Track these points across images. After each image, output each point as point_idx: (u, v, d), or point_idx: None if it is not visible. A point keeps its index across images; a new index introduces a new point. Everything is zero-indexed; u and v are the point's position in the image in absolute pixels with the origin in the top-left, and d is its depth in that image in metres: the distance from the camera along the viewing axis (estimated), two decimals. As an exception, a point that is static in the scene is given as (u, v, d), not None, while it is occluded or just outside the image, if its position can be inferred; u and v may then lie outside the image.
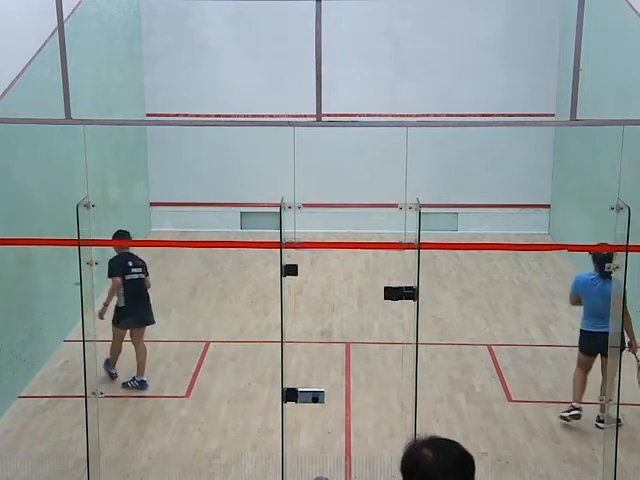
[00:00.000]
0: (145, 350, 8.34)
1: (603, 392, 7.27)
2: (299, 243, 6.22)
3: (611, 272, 6.98)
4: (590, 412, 7.61)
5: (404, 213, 5.90)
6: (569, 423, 7.45)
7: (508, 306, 10.50)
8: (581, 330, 7.54)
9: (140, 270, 8.27)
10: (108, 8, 11.50)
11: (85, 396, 6.17)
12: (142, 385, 8.22)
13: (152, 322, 8.47)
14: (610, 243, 6.84)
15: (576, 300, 7.59)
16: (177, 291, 11.07)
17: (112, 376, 8.35)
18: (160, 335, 9.59)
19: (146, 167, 13.62)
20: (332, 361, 8.91)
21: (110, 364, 8.39)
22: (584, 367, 7.57)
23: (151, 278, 8.49)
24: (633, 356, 7.30)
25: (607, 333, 7.03)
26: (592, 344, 7.40)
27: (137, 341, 8.33)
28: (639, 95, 9.63)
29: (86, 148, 6.85)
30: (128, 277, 8.16)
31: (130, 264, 8.20)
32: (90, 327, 6.18)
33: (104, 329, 9.21)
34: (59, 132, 8.59)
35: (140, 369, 8.27)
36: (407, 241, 6.15)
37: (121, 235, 8.34)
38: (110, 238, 8.33)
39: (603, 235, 6.65)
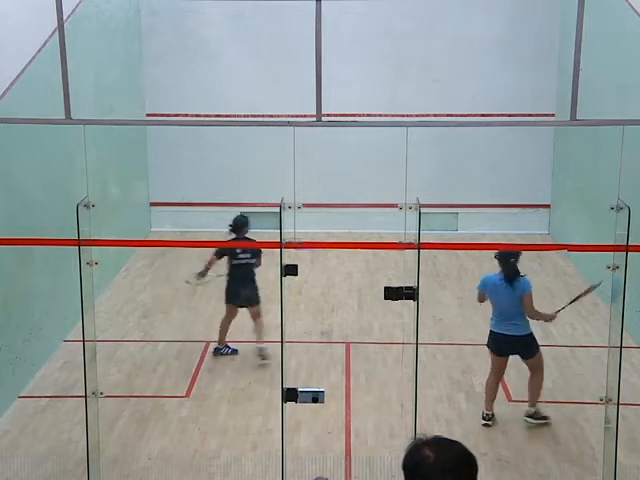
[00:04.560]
0: (262, 324, 8.94)
1: (531, 391, 7.56)
2: (299, 243, 6.22)
3: (517, 274, 7.30)
4: (592, 412, 7.62)
5: (404, 213, 5.90)
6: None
7: (508, 306, 10.49)
8: (490, 330, 7.56)
9: (248, 256, 8.84)
10: (108, 8, 11.49)
11: (85, 396, 6.17)
12: (262, 351, 8.88)
13: (256, 302, 8.97)
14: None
15: (481, 298, 7.63)
16: (177, 291, 11.06)
17: (222, 352, 9.04)
18: (160, 335, 9.61)
19: (146, 167, 13.62)
20: (332, 361, 8.91)
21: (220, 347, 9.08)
22: (496, 370, 7.60)
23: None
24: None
25: (515, 336, 7.37)
26: (500, 346, 7.49)
27: (253, 317, 8.98)
28: (639, 95, 9.63)
29: (86, 148, 6.85)
30: (235, 262, 8.79)
31: (238, 250, 8.79)
32: (90, 327, 6.18)
33: (104, 329, 9.24)
34: (59, 132, 8.59)
35: (258, 339, 8.94)
36: (407, 241, 6.14)
37: (239, 220, 8.92)
38: (110, 238, 8.37)
39: (603, 235, 6.64)
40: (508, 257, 7.36)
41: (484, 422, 7.55)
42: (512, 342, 7.43)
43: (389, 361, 8.87)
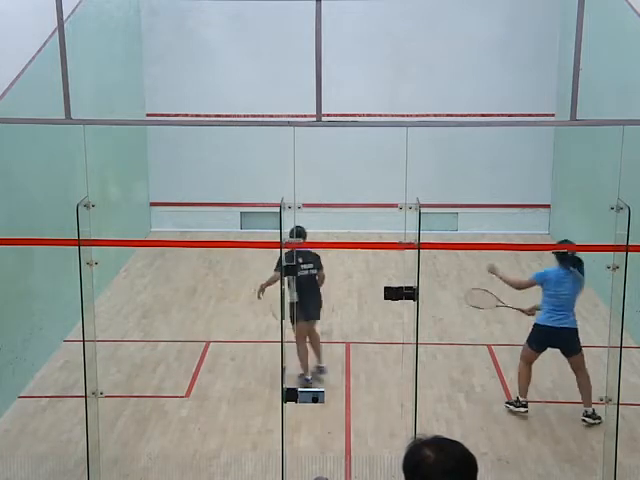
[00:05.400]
0: (317, 339, 8.45)
1: (583, 392, 7.59)
2: (299, 243, 6.22)
3: (576, 264, 7.57)
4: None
5: (404, 213, 5.90)
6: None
7: (508, 306, 10.49)
8: (536, 324, 7.63)
9: (311, 266, 8.25)
10: (108, 8, 11.50)
11: (85, 396, 6.17)
12: (322, 371, 8.41)
13: (316, 317, 8.41)
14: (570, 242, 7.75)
15: (528, 284, 7.75)
16: (177, 291, 11.07)
17: (308, 382, 8.22)
18: (160, 335, 9.61)
19: (146, 167, 13.62)
20: (332, 361, 8.90)
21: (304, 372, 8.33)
22: (528, 361, 7.74)
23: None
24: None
25: (567, 329, 7.52)
26: (549, 339, 7.59)
27: (310, 333, 8.41)
28: (639, 95, 9.63)
29: (86, 148, 6.85)
30: (299, 273, 8.02)
31: (300, 260, 8.07)
32: (90, 327, 6.18)
33: (104, 329, 9.24)
34: (59, 132, 8.59)
35: (318, 357, 8.48)
36: (407, 241, 6.14)
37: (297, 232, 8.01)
38: (110, 238, 8.34)
39: (603, 235, 6.64)
40: (568, 256, 7.58)
41: (523, 409, 7.61)
42: (562, 334, 7.53)
43: (389, 361, 8.86)
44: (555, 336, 7.52)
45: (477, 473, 2.64)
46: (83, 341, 6.11)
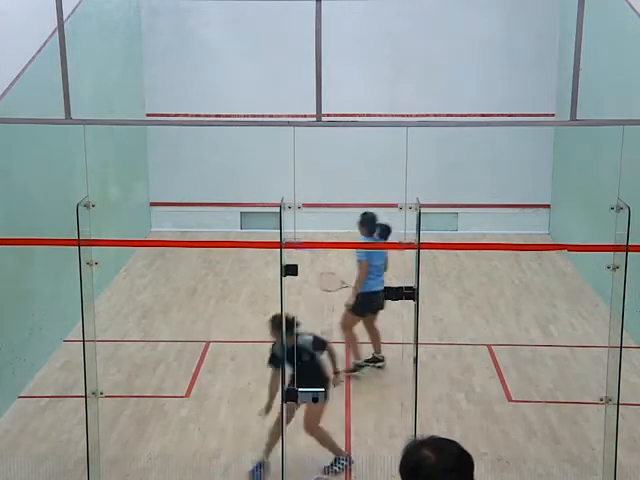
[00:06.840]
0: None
1: (377, 349, 8.62)
2: (299, 243, 6.22)
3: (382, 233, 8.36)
4: (592, 412, 7.62)
5: (404, 213, 5.90)
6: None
7: (508, 306, 10.50)
8: (371, 292, 8.31)
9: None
10: (108, 8, 11.50)
11: (85, 396, 6.17)
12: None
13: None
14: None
15: (366, 268, 8.33)
16: (177, 291, 11.07)
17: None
18: (160, 335, 9.61)
19: (146, 167, 13.62)
20: (332, 361, 8.89)
21: None
22: (354, 326, 8.63)
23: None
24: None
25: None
26: (380, 301, 8.27)
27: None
28: (639, 95, 9.63)
29: (86, 148, 6.85)
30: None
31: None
32: (90, 327, 6.18)
33: (104, 329, 9.24)
34: (59, 132, 8.59)
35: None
36: (407, 241, 6.15)
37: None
38: (110, 238, 8.34)
39: (603, 235, 6.64)
40: (374, 219, 8.42)
41: (380, 363, 8.55)
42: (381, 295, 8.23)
43: (389, 361, 8.86)
44: (380, 297, 8.19)
45: (474, 470, 2.65)
46: (83, 341, 6.11)
